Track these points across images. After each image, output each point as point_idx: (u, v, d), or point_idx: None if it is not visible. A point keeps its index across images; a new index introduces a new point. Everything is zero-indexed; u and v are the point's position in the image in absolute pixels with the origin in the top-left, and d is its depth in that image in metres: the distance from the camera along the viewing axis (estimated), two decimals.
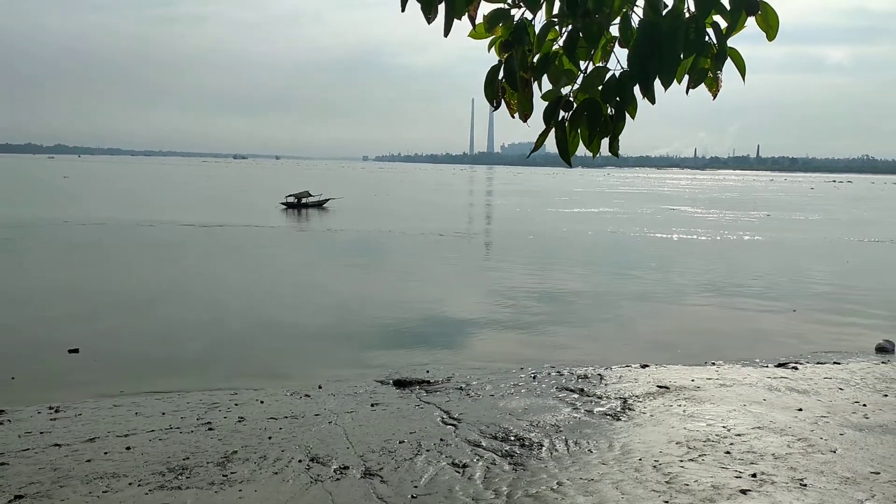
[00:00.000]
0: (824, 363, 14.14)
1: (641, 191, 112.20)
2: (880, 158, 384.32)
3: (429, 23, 3.15)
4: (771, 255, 34.41)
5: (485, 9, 3.31)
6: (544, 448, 8.87)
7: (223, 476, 8.00)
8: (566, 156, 3.28)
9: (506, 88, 3.38)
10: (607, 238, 40.31)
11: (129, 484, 7.80)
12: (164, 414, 10.47)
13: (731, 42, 3.23)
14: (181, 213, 48.89)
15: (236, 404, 10.98)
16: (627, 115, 3.27)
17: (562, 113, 3.31)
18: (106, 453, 8.74)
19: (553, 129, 3.25)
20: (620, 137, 3.38)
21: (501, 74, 3.39)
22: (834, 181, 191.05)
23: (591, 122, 3.21)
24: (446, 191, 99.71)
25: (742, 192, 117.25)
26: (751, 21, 3.19)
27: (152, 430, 9.66)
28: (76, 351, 14.46)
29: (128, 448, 8.92)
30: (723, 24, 3.12)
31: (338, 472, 8.16)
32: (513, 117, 3.37)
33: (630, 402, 10.96)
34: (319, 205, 56.86)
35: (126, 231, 37.40)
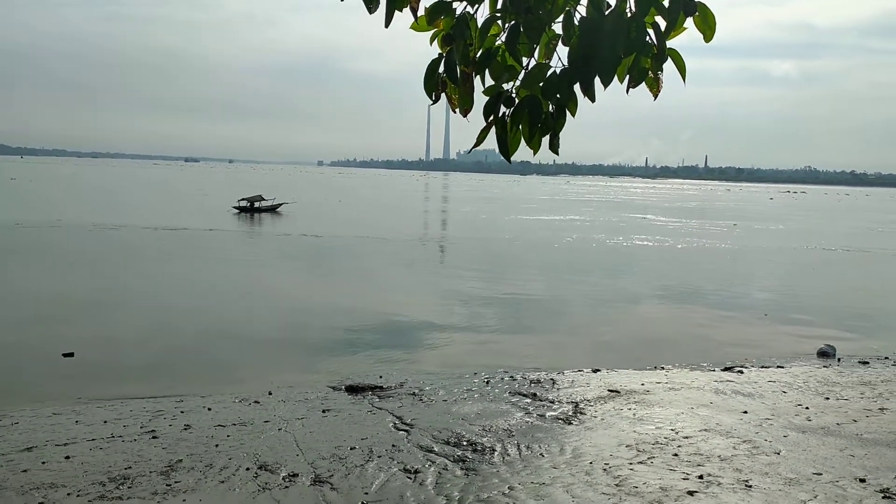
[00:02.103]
0: (769, 367, 14.49)
1: (607, 199, 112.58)
2: (822, 170, 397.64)
3: (370, 12, 3.10)
4: (738, 263, 35.27)
5: (427, 1, 3.27)
6: (496, 453, 8.86)
7: (167, 485, 7.76)
8: (506, 152, 3.26)
9: (447, 82, 3.34)
10: (577, 245, 40.33)
11: (68, 494, 7.52)
12: (105, 422, 10.13)
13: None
14: (133, 216, 47.60)
15: (182, 412, 10.70)
16: (568, 113, 3.26)
17: (503, 109, 3.28)
18: (44, 463, 8.42)
19: (494, 126, 3.22)
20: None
21: (442, 68, 3.34)
22: (789, 191, 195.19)
23: (531, 119, 3.20)
24: (413, 197, 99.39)
25: (704, 201, 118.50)
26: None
27: (93, 439, 9.33)
28: (71, 355, 14.15)
29: (67, 457, 8.60)
30: (663, 24, 3.14)
31: (287, 479, 8.01)
32: (454, 112, 3.33)
33: (581, 406, 11.04)
34: (273, 209, 56.04)
35: (78, 234, 36.48)
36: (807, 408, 11.11)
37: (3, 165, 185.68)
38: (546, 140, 3.26)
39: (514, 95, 3.32)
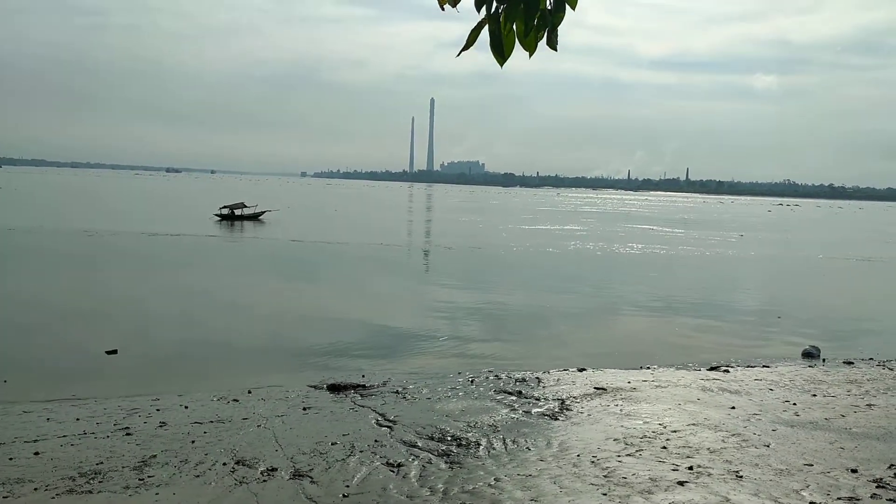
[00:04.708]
0: (754, 366, 14.43)
1: (605, 210, 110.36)
2: (801, 183, 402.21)
3: None
4: (746, 270, 35.55)
5: None
6: (482, 447, 8.65)
7: (139, 480, 7.47)
8: (501, 53, 3.01)
9: None
10: (584, 254, 39.78)
11: (35, 489, 7.20)
12: (78, 419, 9.81)
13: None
14: (121, 222, 46.97)
15: (158, 409, 10.38)
16: (567, 6, 3.03)
17: (495, 4, 3.02)
18: (11, 459, 8.09)
19: (487, 23, 2.98)
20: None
21: None
22: (781, 204, 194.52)
23: (527, 14, 2.96)
24: (408, 207, 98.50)
25: (702, 213, 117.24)
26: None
27: (64, 436, 9.01)
28: (115, 352, 14.17)
29: (36, 453, 8.29)
30: None
31: (265, 473, 7.74)
32: (442, 9, 3.09)
33: (568, 402, 10.86)
34: (255, 217, 55.42)
35: (65, 239, 36.13)
36: (794, 404, 11.01)
37: None
38: (542, 43, 3.01)
39: None
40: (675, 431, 9.23)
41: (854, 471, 7.79)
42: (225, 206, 54.48)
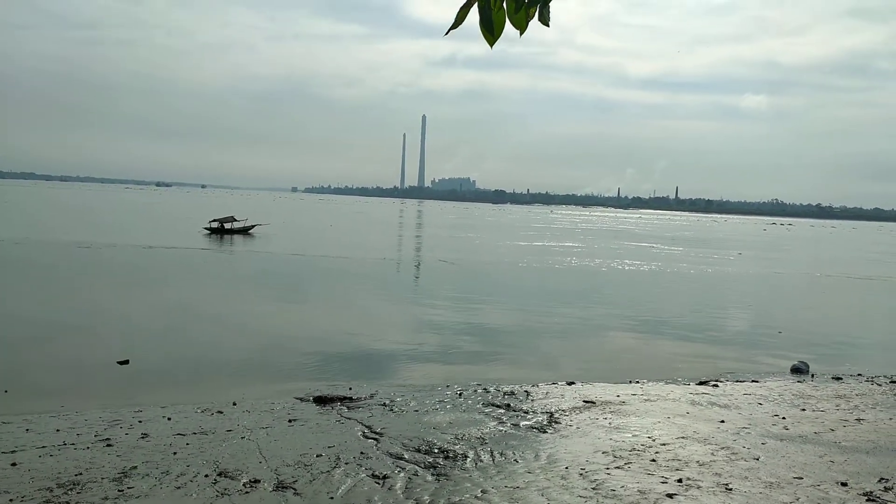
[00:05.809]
0: (743, 381, 14.38)
1: (602, 228, 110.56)
2: (789, 202, 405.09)
3: None
4: (748, 287, 35.85)
5: None
6: (469, 459, 8.53)
7: (119, 491, 7.30)
8: (490, 30, 2.95)
9: None
10: (587, 270, 39.76)
11: (11, 500, 7.03)
12: (58, 431, 9.62)
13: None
14: (113, 235, 46.68)
15: (140, 421, 10.21)
16: None
17: None
18: None
19: (477, 1, 2.92)
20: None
21: None
22: (774, 223, 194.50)
23: None
24: (405, 224, 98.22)
25: (697, 231, 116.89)
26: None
27: (43, 447, 8.83)
28: (126, 362, 14.25)
29: (13, 464, 8.10)
30: None
31: (247, 485, 7.59)
32: None
33: (556, 415, 10.76)
34: (245, 231, 55.21)
35: (55, 251, 35.82)
36: (783, 418, 10.95)
37: None
38: (533, 23, 2.94)
39: None
40: (664, 444, 9.14)
41: (844, 484, 7.72)
42: (215, 220, 54.27)
